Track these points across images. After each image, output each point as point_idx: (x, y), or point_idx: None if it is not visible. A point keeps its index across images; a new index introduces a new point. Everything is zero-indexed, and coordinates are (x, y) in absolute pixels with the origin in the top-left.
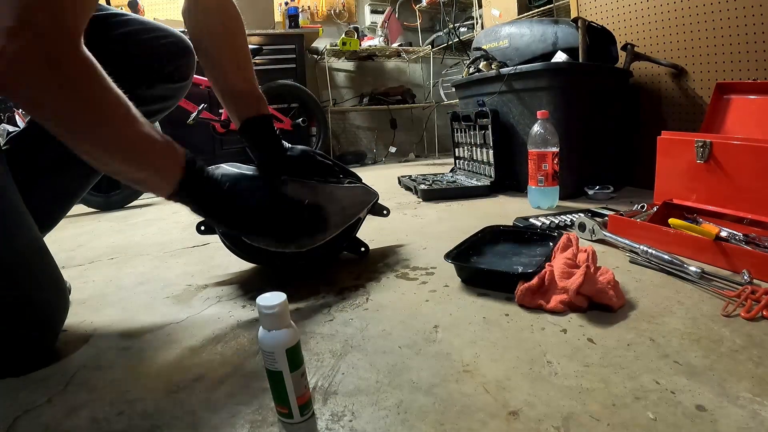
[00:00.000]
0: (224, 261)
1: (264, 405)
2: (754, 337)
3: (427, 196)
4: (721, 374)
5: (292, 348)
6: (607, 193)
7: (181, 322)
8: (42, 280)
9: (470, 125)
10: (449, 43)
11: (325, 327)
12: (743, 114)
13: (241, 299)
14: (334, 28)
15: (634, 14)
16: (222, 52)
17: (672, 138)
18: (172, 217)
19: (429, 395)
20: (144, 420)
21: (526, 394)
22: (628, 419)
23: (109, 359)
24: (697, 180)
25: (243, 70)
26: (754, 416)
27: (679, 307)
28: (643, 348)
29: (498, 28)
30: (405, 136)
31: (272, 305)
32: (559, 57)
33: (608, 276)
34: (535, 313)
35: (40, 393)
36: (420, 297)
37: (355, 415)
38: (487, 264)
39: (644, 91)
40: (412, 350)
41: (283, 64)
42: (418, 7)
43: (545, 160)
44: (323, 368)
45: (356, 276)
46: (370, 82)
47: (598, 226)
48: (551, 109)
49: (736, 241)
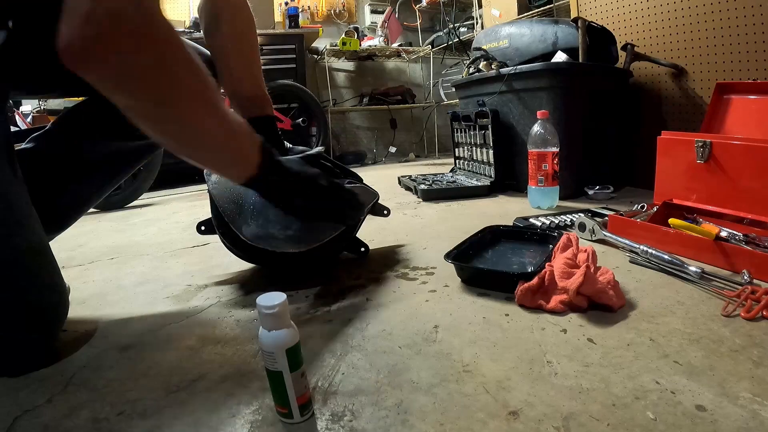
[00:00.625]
0: (224, 261)
1: (264, 405)
2: (754, 337)
3: (427, 196)
4: (721, 374)
5: (292, 348)
6: (607, 193)
7: (181, 322)
8: (41, 281)
9: (470, 125)
10: (449, 43)
11: (325, 327)
12: (743, 114)
13: (241, 299)
14: (334, 28)
15: (634, 14)
16: (232, 52)
17: (672, 138)
18: (172, 217)
19: (429, 395)
20: (144, 420)
21: (526, 394)
22: (628, 419)
23: (109, 359)
24: (697, 180)
25: (252, 70)
26: (754, 416)
27: (679, 307)
28: (643, 348)
29: (498, 28)
30: (405, 136)
31: (272, 305)
32: (559, 57)
33: (608, 276)
34: (535, 313)
35: (40, 393)
36: (420, 297)
37: (355, 415)
38: (487, 264)
39: (644, 91)
40: (412, 350)
41: (283, 64)
42: (418, 7)
43: (545, 160)
44: (323, 368)
45: (356, 276)
46: (370, 82)
47: (598, 226)
48: (551, 109)
49: (736, 241)
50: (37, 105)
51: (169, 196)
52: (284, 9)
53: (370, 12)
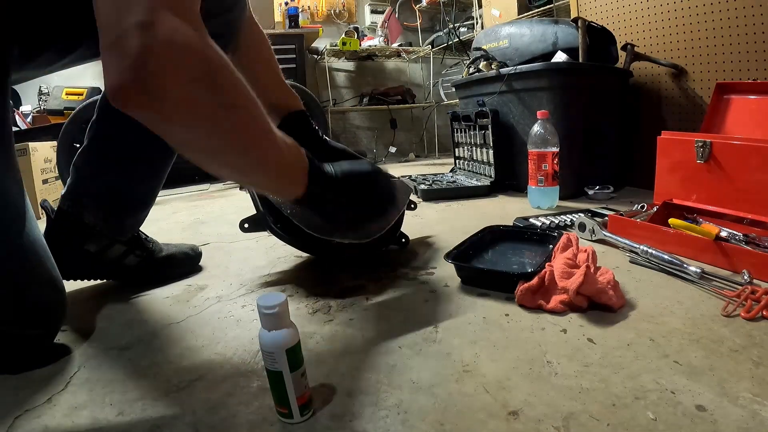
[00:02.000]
0: (224, 261)
1: (264, 405)
2: (754, 337)
3: (427, 196)
4: (721, 374)
5: (292, 348)
6: (607, 193)
7: (181, 322)
8: (40, 278)
9: (470, 125)
10: (449, 43)
11: (326, 327)
12: (743, 114)
13: (241, 299)
14: (334, 28)
15: (634, 14)
16: (255, 62)
17: (672, 138)
18: (172, 217)
19: (429, 395)
20: (144, 420)
21: (526, 394)
22: (628, 419)
23: (109, 359)
24: (697, 180)
25: (275, 74)
26: (754, 416)
27: (679, 307)
28: (643, 348)
29: (498, 28)
30: (405, 136)
31: (272, 305)
32: (559, 57)
33: (608, 276)
34: (535, 313)
35: (40, 393)
36: (420, 297)
37: (355, 415)
38: (487, 264)
39: (644, 91)
40: (412, 350)
41: (283, 64)
42: (418, 7)
43: (545, 160)
44: (323, 368)
45: (356, 276)
46: (370, 82)
47: (598, 226)
48: (551, 109)
49: (736, 241)
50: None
51: (170, 196)
52: (284, 9)
53: (370, 12)
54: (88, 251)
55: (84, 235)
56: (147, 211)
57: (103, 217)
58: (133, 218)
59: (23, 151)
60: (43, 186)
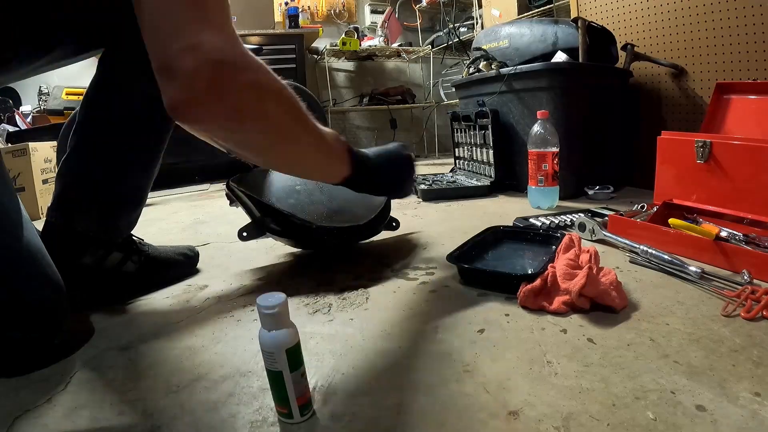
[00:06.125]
0: (224, 261)
1: (264, 405)
2: (754, 337)
3: (427, 196)
4: (721, 374)
5: (292, 348)
6: (607, 193)
7: (181, 322)
8: (39, 281)
9: (470, 125)
10: (449, 43)
11: (326, 327)
12: (743, 114)
13: (241, 299)
14: (334, 28)
15: (634, 14)
16: None
17: (672, 138)
18: (172, 217)
19: (429, 395)
20: (144, 420)
21: (526, 394)
22: (628, 419)
23: (109, 359)
24: (697, 180)
25: None
26: (754, 416)
27: (679, 307)
28: (643, 348)
29: (498, 28)
30: (405, 136)
31: (272, 305)
32: (559, 57)
33: (611, 277)
34: (535, 313)
35: (40, 393)
36: (420, 297)
37: (355, 416)
38: (489, 265)
39: (644, 91)
40: (412, 350)
41: (283, 64)
42: (418, 7)
43: (545, 160)
44: (323, 368)
45: (356, 276)
46: (370, 82)
47: (598, 226)
48: (551, 109)
49: (736, 241)
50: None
51: (170, 196)
52: (284, 9)
53: (370, 12)
54: (84, 265)
55: (78, 246)
56: (140, 209)
57: (95, 220)
58: (126, 218)
59: (23, 151)
60: (43, 186)
